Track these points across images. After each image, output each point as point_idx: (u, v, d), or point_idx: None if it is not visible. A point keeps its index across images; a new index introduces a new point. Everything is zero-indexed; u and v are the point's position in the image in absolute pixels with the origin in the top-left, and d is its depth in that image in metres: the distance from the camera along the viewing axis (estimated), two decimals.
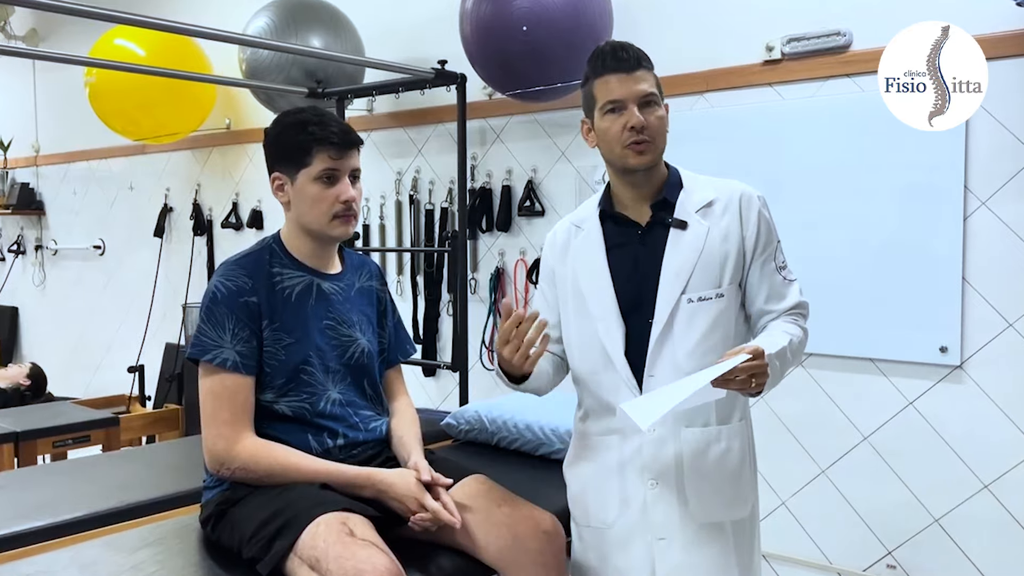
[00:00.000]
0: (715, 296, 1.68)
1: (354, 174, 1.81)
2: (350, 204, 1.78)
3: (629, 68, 1.66)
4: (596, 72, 1.69)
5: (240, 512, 1.67)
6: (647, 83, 1.67)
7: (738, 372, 1.50)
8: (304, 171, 1.76)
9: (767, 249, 1.72)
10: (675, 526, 1.69)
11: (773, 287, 1.72)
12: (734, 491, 1.73)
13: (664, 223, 1.72)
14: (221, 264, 1.81)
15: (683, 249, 1.69)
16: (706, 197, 1.73)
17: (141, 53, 4.05)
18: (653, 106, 1.67)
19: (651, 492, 1.69)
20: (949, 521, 2.59)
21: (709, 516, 1.70)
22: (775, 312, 1.72)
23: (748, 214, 1.72)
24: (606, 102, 1.67)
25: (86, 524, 1.98)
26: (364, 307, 1.93)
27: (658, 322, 1.68)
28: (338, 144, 1.76)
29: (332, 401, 1.81)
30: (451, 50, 3.33)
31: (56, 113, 5.65)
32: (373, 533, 1.56)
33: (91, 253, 5.54)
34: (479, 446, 2.60)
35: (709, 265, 1.69)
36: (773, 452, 2.81)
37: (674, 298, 1.67)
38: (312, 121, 1.76)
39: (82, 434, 3.47)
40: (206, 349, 1.72)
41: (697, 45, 3.00)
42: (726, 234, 1.70)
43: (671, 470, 1.69)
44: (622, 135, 1.66)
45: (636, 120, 1.64)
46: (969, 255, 2.52)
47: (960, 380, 2.56)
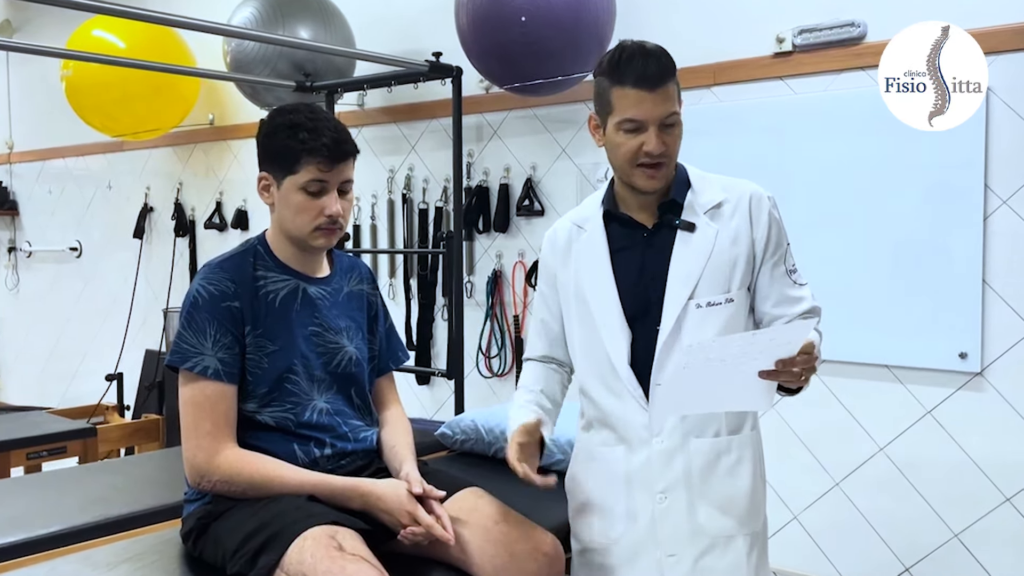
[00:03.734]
0: (724, 301, 1.68)
1: (344, 186, 1.79)
2: (335, 219, 1.77)
3: (654, 84, 1.60)
4: (616, 79, 1.63)
5: (223, 526, 1.67)
6: (671, 102, 1.63)
7: (797, 362, 1.49)
8: (291, 178, 1.76)
9: (777, 252, 1.73)
10: (685, 541, 1.68)
11: (784, 291, 1.72)
12: (746, 504, 1.72)
13: (671, 225, 1.71)
14: (203, 267, 1.82)
15: (691, 252, 1.69)
16: (715, 198, 1.73)
17: (121, 45, 4.06)
18: (674, 125, 1.65)
19: (659, 506, 1.69)
20: (969, 536, 2.59)
21: (721, 530, 1.69)
22: (787, 318, 1.71)
23: (758, 216, 1.72)
24: (624, 119, 1.63)
25: (62, 539, 1.98)
26: (353, 312, 1.93)
27: (665, 329, 1.67)
28: (329, 157, 1.74)
29: (319, 411, 1.81)
30: (446, 42, 3.34)
31: (31, 108, 5.66)
32: (363, 547, 1.56)
33: (67, 255, 5.54)
34: (475, 457, 2.61)
35: (718, 269, 1.69)
36: (784, 464, 2.82)
37: (682, 303, 1.67)
38: (305, 126, 1.73)
39: (57, 445, 3.46)
40: (186, 356, 1.73)
41: (704, 36, 3.01)
42: (735, 237, 1.70)
43: (680, 482, 1.69)
44: (636, 156, 1.64)
45: (654, 146, 1.62)
46: (989, 256, 2.53)
47: (980, 388, 2.57)
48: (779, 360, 1.49)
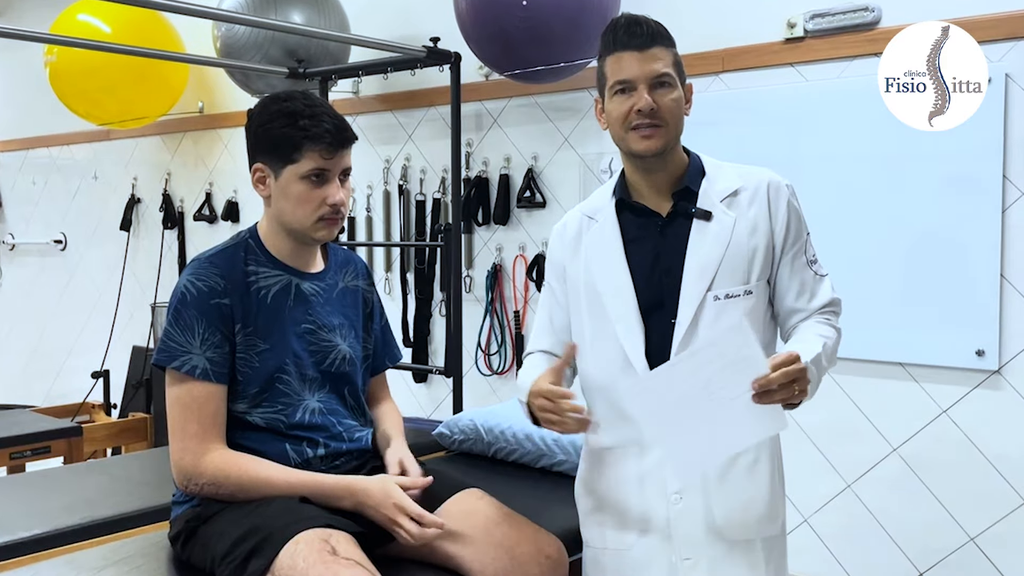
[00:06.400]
0: (743, 293, 1.68)
1: (344, 173, 1.81)
2: (338, 207, 1.79)
3: (642, 45, 1.65)
4: (608, 48, 1.69)
5: (212, 529, 1.68)
6: (661, 62, 1.66)
7: (775, 380, 1.45)
8: (291, 167, 1.76)
9: (798, 242, 1.72)
10: (702, 545, 1.67)
11: (804, 283, 1.71)
12: (764, 505, 1.71)
13: (687, 214, 1.71)
14: (192, 261, 1.82)
15: (708, 242, 1.69)
16: (731, 186, 1.73)
17: (106, 29, 4.06)
18: (667, 87, 1.67)
19: (675, 508, 1.68)
20: (985, 540, 2.60)
21: (739, 533, 1.68)
22: (806, 311, 1.71)
23: (777, 204, 1.71)
24: (615, 82, 1.67)
25: (46, 542, 1.98)
26: (347, 309, 1.93)
27: (682, 322, 1.67)
28: (331, 144, 1.75)
29: (311, 411, 1.82)
30: (444, 26, 3.33)
31: (13, 95, 5.66)
32: (357, 551, 1.57)
33: (51, 248, 5.54)
34: (474, 458, 2.61)
35: (737, 260, 1.68)
36: (795, 465, 2.80)
37: (699, 295, 1.66)
38: (304, 113, 1.74)
39: (41, 445, 3.47)
40: (174, 355, 1.73)
41: (713, 21, 3.00)
42: (754, 226, 1.70)
43: (696, 484, 1.68)
44: (628, 117, 1.66)
45: (644, 103, 1.64)
46: (1008, 250, 2.53)
47: (998, 386, 2.57)
48: (755, 381, 1.46)
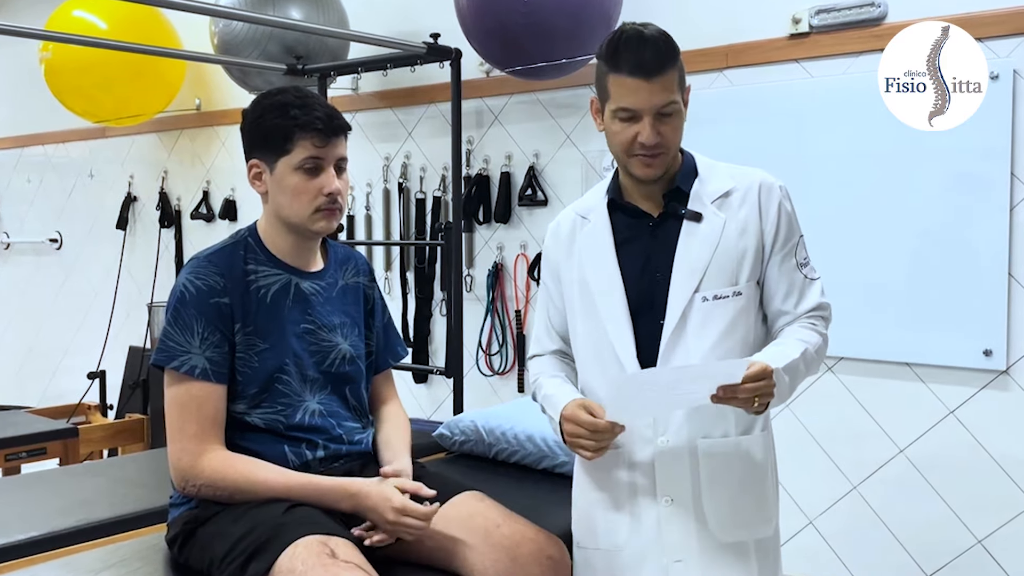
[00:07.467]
0: (732, 295, 1.69)
1: (340, 164, 1.81)
2: (335, 197, 1.79)
3: (649, 73, 1.61)
4: (612, 66, 1.64)
5: (210, 531, 1.68)
6: (668, 91, 1.63)
7: (741, 391, 1.52)
8: (284, 159, 1.77)
9: (787, 244, 1.73)
10: (693, 547, 1.69)
11: (793, 285, 1.72)
12: (757, 507, 1.73)
13: (677, 214, 1.72)
14: (190, 260, 1.82)
15: (697, 243, 1.70)
16: (723, 186, 1.74)
17: (102, 26, 4.06)
18: (672, 116, 1.66)
19: (665, 510, 1.69)
20: (993, 542, 2.59)
21: (730, 535, 1.70)
22: (793, 314, 1.72)
23: (768, 205, 1.72)
24: (619, 107, 1.65)
25: (41, 545, 1.98)
26: (348, 307, 1.93)
27: (670, 323, 1.68)
28: (323, 131, 1.76)
29: (311, 412, 1.82)
30: (445, 22, 3.33)
31: (8, 93, 5.66)
32: (357, 554, 1.57)
33: (47, 247, 5.54)
34: (475, 459, 2.61)
35: (726, 261, 1.69)
36: (799, 466, 2.82)
37: (687, 297, 1.68)
38: (294, 104, 1.76)
39: (37, 446, 3.48)
40: (172, 355, 1.73)
41: (716, 16, 3.00)
42: (744, 227, 1.71)
43: (687, 485, 1.69)
44: (631, 145, 1.66)
45: (648, 136, 1.63)
46: (1016, 249, 2.53)
47: (1006, 387, 2.57)
48: (721, 386, 1.53)
